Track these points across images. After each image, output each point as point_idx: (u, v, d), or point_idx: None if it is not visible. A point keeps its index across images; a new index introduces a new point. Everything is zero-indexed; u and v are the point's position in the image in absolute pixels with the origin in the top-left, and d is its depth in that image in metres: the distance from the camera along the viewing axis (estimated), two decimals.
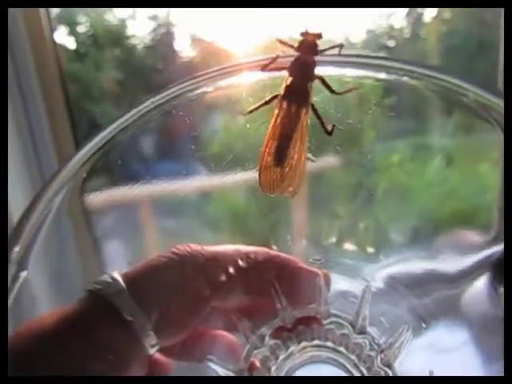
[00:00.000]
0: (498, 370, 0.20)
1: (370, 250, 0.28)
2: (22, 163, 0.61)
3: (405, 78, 0.21)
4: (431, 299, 0.24)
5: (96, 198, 0.23)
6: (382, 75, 0.22)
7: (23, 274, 0.19)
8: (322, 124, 0.22)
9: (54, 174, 0.19)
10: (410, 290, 0.24)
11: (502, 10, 0.68)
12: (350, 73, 0.23)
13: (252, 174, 0.24)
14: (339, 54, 0.22)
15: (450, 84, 0.20)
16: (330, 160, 0.25)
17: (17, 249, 0.18)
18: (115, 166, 0.23)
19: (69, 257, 0.24)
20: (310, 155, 0.22)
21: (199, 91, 0.22)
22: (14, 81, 0.59)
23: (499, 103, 0.18)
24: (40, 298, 0.21)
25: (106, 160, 0.21)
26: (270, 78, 0.22)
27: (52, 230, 0.20)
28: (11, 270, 0.18)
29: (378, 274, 0.25)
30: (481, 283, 0.23)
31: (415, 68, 0.20)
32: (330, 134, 0.22)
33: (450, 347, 0.23)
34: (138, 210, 0.27)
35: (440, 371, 0.21)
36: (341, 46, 0.22)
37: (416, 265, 0.26)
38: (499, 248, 0.22)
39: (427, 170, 0.28)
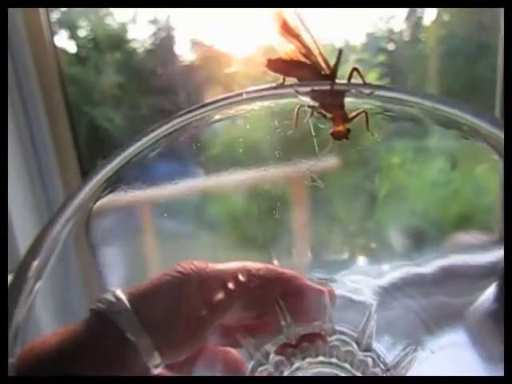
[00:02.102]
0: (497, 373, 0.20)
1: (373, 255, 0.28)
2: (22, 166, 0.62)
3: (399, 107, 0.21)
4: (438, 310, 0.23)
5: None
6: (377, 103, 0.21)
7: (37, 285, 0.19)
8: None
9: (62, 205, 0.19)
10: (416, 298, 0.24)
11: (500, 13, 0.68)
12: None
13: (252, 176, 0.24)
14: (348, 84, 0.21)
15: (448, 113, 0.19)
16: (330, 162, 0.25)
17: (36, 263, 0.18)
18: (120, 180, 0.23)
19: (72, 272, 0.24)
20: (318, 181, 0.23)
21: (208, 119, 0.22)
22: (15, 84, 0.59)
23: (498, 134, 0.18)
24: (44, 317, 0.21)
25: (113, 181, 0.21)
26: (277, 105, 0.22)
27: (60, 250, 0.20)
28: (29, 283, 0.18)
29: (383, 281, 0.25)
30: (490, 291, 0.23)
31: (410, 97, 0.20)
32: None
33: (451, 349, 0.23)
34: (138, 212, 0.27)
35: (439, 372, 0.21)
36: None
37: (420, 272, 0.26)
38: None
39: (429, 172, 0.29)
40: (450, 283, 0.24)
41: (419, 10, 0.70)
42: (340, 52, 0.21)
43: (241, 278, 0.22)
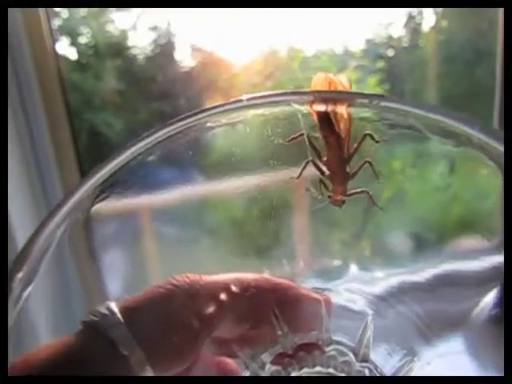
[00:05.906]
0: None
1: (373, 261, 0.28)
2: (23, 172, 0.62)
3: (400, 118, 0.20)
4: (437, 317, 0.23)
5: (95, 208, 0.23)
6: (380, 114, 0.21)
7: (27, 291, 0.18)
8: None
9: (60, 202, 0.19)
10: (414, 305, 0.24)
11: (498, 19, 0.68)
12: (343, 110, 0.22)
13: (252, 181, 0.24)
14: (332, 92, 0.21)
15: (444, 123, 0.19)
16: None
17: (21, 274, 0.18)
18: (120, 184, 0.23)
19: (71, 279, 0.24)
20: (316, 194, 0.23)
21: (203, 126, 0.21)
22: (16, 90, 0.59)
23: (499, 148, 0.18)
24: (39, 323, 0.21)
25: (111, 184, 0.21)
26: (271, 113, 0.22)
27: (55, 252, 0.19)
28: (16, 290, 0.18)
29: (381, 289, 0.25)
30: (490, 297, 0.23)
31: (412, 109, 0.20)
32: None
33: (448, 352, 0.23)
34: (138, 218, 0.27)
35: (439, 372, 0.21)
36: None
37: (419, 278, 0.26)
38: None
39: (429, 177, 0.28)
40: (449, 289, 0.24)
41: (418, 16, 0.71)
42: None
43: (235, 289, 0.21)
